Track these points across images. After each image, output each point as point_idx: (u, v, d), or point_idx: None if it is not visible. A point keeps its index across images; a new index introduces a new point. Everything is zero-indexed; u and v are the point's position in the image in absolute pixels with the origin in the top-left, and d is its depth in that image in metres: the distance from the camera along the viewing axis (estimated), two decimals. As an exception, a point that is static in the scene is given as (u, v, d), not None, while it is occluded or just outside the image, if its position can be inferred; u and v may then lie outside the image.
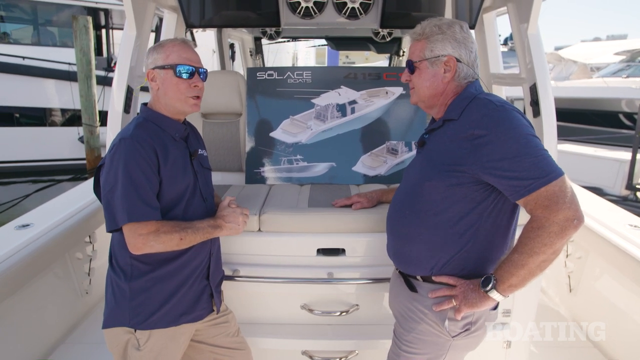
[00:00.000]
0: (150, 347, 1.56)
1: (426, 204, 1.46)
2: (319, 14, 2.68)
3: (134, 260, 1.53)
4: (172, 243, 1.48)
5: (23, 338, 2.28)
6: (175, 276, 1.57)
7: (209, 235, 1.59)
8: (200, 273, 1.65)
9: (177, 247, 1.50)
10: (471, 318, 1.46)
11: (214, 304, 1.72)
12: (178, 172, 1.55)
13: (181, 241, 1.49)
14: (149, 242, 1.43)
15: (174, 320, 1.58)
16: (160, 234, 1.45)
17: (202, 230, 1.55)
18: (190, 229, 1.52)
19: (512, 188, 1.28)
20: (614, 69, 12.37)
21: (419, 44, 1.49)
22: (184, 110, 1.61)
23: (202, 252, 1.64)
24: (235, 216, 1.66)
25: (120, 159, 1.43)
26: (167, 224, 1.48)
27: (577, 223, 1.23)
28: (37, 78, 10.88)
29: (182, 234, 1.49)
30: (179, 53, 1.56)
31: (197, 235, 1.54)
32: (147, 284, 1.54)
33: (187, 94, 1.56)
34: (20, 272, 2.13)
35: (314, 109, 2.60)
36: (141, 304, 1.54)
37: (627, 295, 2.43)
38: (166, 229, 1.46)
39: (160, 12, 2.78)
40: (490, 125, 1.31)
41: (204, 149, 1.82)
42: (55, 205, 2.81)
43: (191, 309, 1.63)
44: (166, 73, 1.54)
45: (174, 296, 1.57)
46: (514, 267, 1.30)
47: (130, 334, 1.55)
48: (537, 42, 2.05)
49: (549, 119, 1.99)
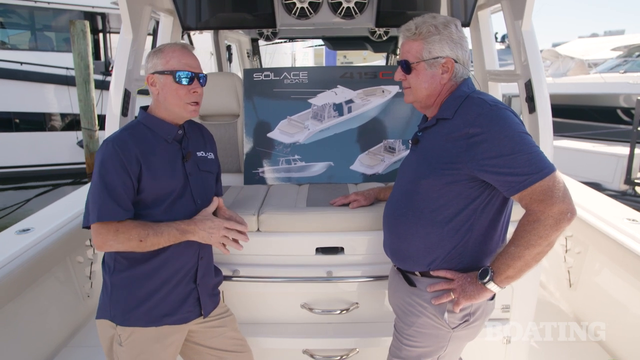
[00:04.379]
0: (132, 344, 1.58)
1: (422, 202, 1.49)
2: (314, 14, 2.69)
3: (117, 256, 1.56)
4: (132, 244, 1.46)
5: (25, 342, 2.29)
6: (153, 276, 1.57)
7: (175, 239, 1.53)
8: (186, 276, 1.64)
9: (139, 248, 1.48)
10: (470, 309, 1.50)
11: (202, 309, 1.69)
12: (164, 173, 1.56)
13: (141, 243, 1.47)
14: (108, 241, 1.45)
15: (155, 321, 1.58)
16: (119, 234, 1.45)
17: (167, 233, 1.51)
18: (152, 232, 1.48)
19: (507, 184, 1.32)
20: (611, 65, 12.38)
21: (415, 44, 1.49)
22: (182, 116, 1.63)
23: (185, 254, 1.61)
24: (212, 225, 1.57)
25: (98, 161, 1.49)
26: (129, 225, 1.46)
27: (570, 216, 1.28)
28: (36, 83, 10.89)
29: (142, 236, 1.46)
30: (179, 58, 1.56)
31: (161, 238, 1.50)
32: (127, 280, 1.57)
33: (186, 100, 1.57)
34: (22, 276, 2.14)
35: (311, 109, 2.60)
36: (120, 299, 1.57)
37: (627, 289, 2.44)
38: (125, 229, 1.45)
39: (156, 15, 2.79)
40: (485, 123, 1.35)
41: (212, 151, 1.80)
42: (56, 209, 2.83)
43: (175, 310, 1.62)
44: (166, 78, 1.55)
45: (155, 295, 1.57)
46: (510, 259, 1.34)
47: (114, 329, 1.58)
48: (531, 39, 2.06)
49: (545, 114, 2.00)
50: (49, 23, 12.09)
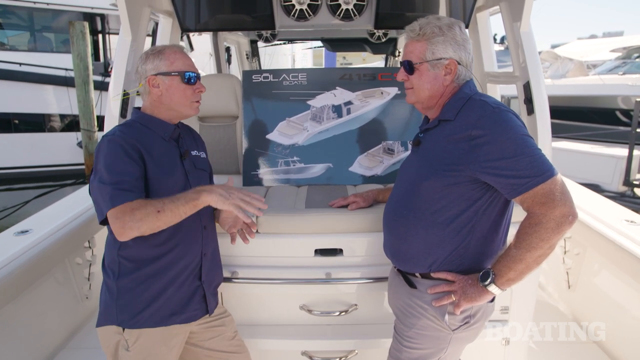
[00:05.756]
0: (139, 348, 1.57)
1: (423, 203, 1.49)
2: (313, 16, 2.70)
3: (122, 259, 1.55)
4: (150, 218, 1.37)
5: (24, 344, 2.29)
6: (162, 275, 1.57)
7: (192, 202, 1.43)
8: (192, 273, 1.65)
9: (158, 221, 1.39)
10: (470, 311, 1.50)
11: (208, 306, 1.71)
12: (165, 170, 1.57)
13: (159, 214, 1.38)
14: (126, 223, 1.36)
15: (163, 320, 1.58)
16: (135, 212, 1.36)
17: (183, 197, 1.43)
18: (168, 200, 1.41)
19: (509, 186, 1.32)
20: (610, 66, 12.39)
21: (419, 45, 1.48)
22: (187, 114, 1.67)
23: (191, 251, 1.63)
24: (229, 189, 1.49)
25: (100, 154, 1.48)
26: (141, 201, 1.40)
27: (572, 219, 1.28)
28: (35, 84, 10.88)
29: (158, 206, 1.39)
30: (183, 60, 1.62)
31: (178, 204, 1.41)
32: (134, 282, 1.55)
33: (192, 98, 1.64)
34: (20, 277, 2.14)
35: (310, 110, 2.61)
36: (128, 302, 1.55)
37: (626, 290, 2.44)
38: (139, 206, 1.38)
39: (155, 16, 2.79)
40: (487, 126, 1.35)
41: (203, 151, 1.83)
42: (55, 210, 2.82)
43: (182, 309, 1.62)
44: (172, 79, 1.59)
45: (162, 295, 1.57)
46: (512, 261, 1.34)
47: (120, 334, 1.56)
48: (529, 40, 2.07)
49: (543, 116, 2.00)
50: (48, 24, 12.09)
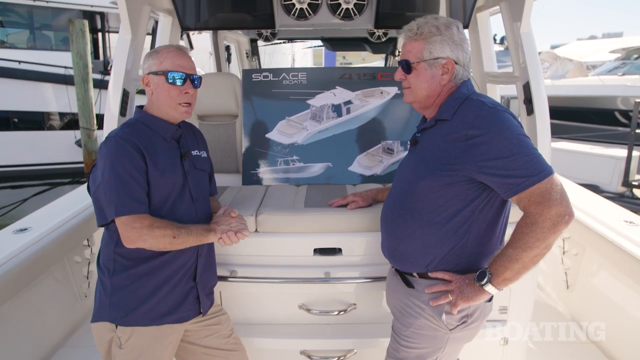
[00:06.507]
0: (132, 345, 1.57)
1: (420, 203, 1.49)
2: (313, 15, 2.70)
3: (117, 256, 1.56)
4: (165, 240, 1.49)
5: (22, 342, 2.29)
6: (156, 274, 1.58)
7: (202, 238, 1.60)
8: (186, 273, 1.65)
9: (170, 245, 1.52)
10: (467, 311, 1.50)
11: (201, 307, 1.71)
12: (165, 171, 1.57)
13: (174, 239, 1.50)
14: (142, 235, 1.46)
15: (156, 319, 1.59)
16: (154, 229, 1.47)
17: (195, 232, 1.57)
18: (185, 229, 1.54)
19: (506, 186, 1.32)
20: (609, 67, 12.42)
21: (416, 44, 1.49)
22: (174, 116, 1.65)
23: (186, 252, 1.63)
24: (228, 222, 1.68)
25: (107, 157, 1.49)
26: (162, 221, 1.51)
27: (568, 219, 1.28)
28: (34, 82, 10.87)
29: (175, 232, 1.51)
30: (173, 60, 1.59)
31: (191, 237, 1.55)
32: (128, 279, 1.56)
33: (177, 100, 1.60)
34: (19, 276, 2.14)
35: (310, 109, 2.61)
36: (122, 299, 1.56)
37: (624, 290, 2.45)
38: (160, 225, 1.49)
39: (155, 15, 2.79)
40: (483, 125, 1.35)
41: (204, 149, 1.83)
42: (53, 209, 2.82)
43: (176, 309, 1.63)
44: (159, 79, 1.59)
45: (156, 294, 1.58)
46: (508, 261, 1.34)
47: (113, 331, 1.57)
48: (529, 41, 2.07)
49: (543, 116, 2.00)
50: (47, 22, 12.07)
